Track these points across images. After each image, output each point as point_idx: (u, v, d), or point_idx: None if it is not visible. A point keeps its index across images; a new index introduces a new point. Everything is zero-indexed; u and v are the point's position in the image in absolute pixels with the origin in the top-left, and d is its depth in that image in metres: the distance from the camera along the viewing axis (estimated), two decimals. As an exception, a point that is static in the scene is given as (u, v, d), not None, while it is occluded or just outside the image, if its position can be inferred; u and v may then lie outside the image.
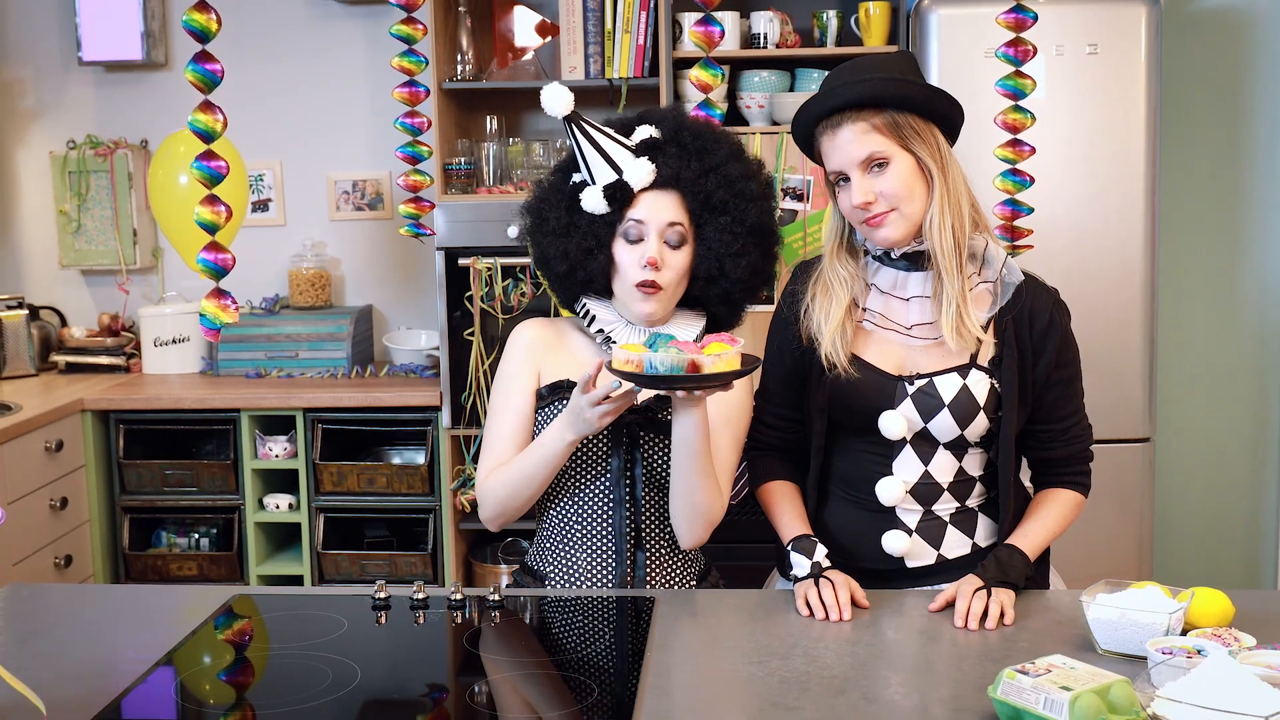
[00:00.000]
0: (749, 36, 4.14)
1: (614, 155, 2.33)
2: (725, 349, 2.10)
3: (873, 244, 2.33)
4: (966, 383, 2.28)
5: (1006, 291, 2.31)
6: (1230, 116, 4.37)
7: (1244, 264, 4.42)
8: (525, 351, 2.41)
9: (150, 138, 4.61)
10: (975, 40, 3.75)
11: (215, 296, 2.17)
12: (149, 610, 2.30)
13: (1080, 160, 3.81)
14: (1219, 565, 4.46)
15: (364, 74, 4.59)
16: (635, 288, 2.32)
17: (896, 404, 2.30)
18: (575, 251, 2.34)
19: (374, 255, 4.69)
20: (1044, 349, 2.32)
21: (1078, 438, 2.39)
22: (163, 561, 4.24)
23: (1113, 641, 1.96)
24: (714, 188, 2.34)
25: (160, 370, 4.54)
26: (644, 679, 1.89)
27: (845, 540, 2.38)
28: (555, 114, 2.35)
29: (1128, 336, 3.87)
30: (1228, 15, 4.34)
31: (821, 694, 1.84)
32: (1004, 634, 2.08)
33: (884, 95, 2.26)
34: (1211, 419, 4.48)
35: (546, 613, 2.25)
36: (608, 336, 2.37)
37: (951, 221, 2.27)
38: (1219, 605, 2.03)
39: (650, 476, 2.36)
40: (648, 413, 2.34)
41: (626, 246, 2.33)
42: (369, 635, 2.13)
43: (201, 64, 2.03)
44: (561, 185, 2.41)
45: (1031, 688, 1.68)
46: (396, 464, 4.24)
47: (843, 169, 2.28)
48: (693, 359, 2.06)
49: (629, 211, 2.33)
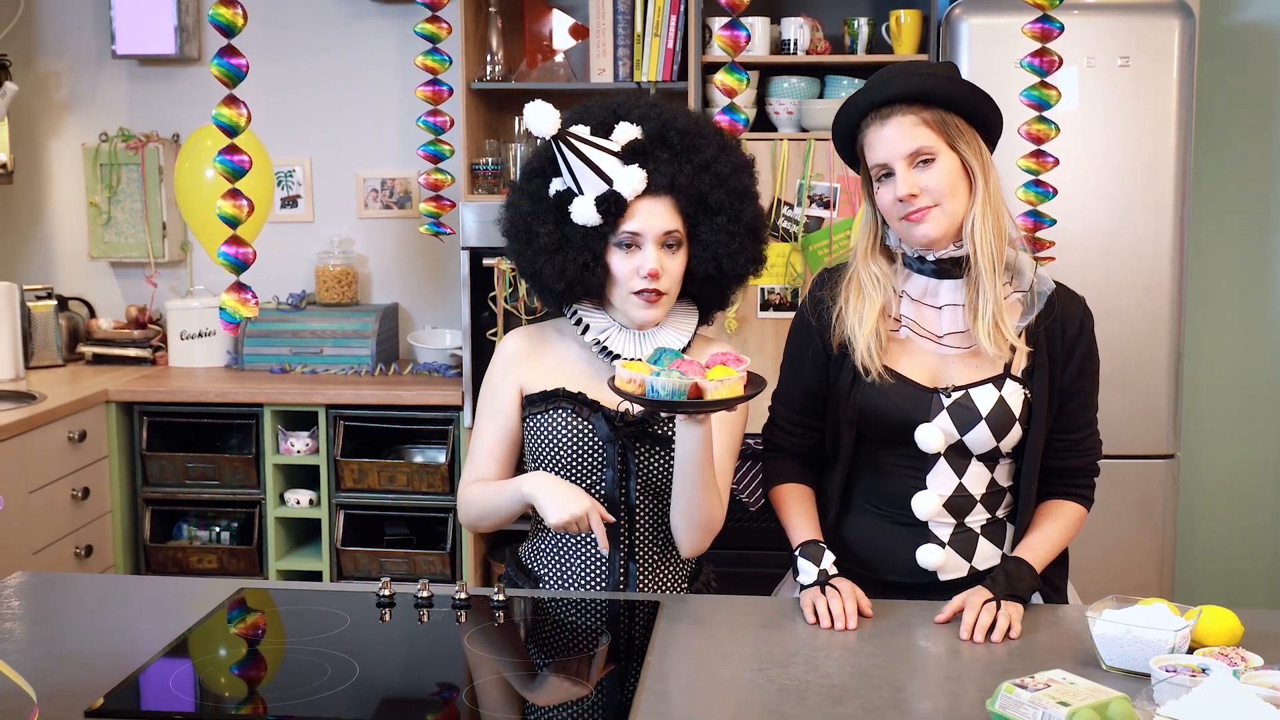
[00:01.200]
0: (779, 42, 4.12)
1: (602, 165, 2.25)
2: (730, 374, 2.06)
3: (909, 244, 2.30)
4: (1002, 394, 2.26)
5: (1040, 300, 2.30)
6: (1264, 132, 4.33)
7: (1273, 280, 4.37)
8: (507, 364, 2.39)
9: (182, 132, 4.64)
10: (1005, 50, 3.69)
11: (236, 290, 2.17)
12: (156, 601, 2.31)
13: (1110, 172, 3.77)
14: (1241, 584, 4.41)
15: (395, 72, 4.61)
16: (634, 295, 2.28)
17: (933, 417, 2.28)
18: (572, 268, 2.27)
19: (401, 254, 4.70)
20: (1072, 356, 2.31)
21: (1090, 449, 2.37)
22: (183, 554, 4.26)
23: (1117, 658, 1.94)
24: (708, 189, 2.30)
25: (186, 363, 4.57)
26: (642, 683, 1.88)
27: (869, 554, 2.36)
28: (542, 134, 2.25)
29: (1154, 350, 3.83)
30: (1262, 29, 4.29)
31: (819, 703, 1.83)
32: (1009, 647, 2.06)
33: (936, 91, 2.26)
34: (1237, 436, 4.43)
35: (548, 614, 2.25)
36: (604, 347, 2.33)
37: (993, 225, 2.26)
38: (1228, 624, 2.00)
39: (644, 486, 2.34)
40: (641, 424, 2.31)
41: (622, 255, 2.28)
42: (370, 632, 2.13)
43: (226, 58, 2.03)
44: (540, 193, 2.32)
45: (1029, 702, 1.66)
46: (417, 462, 4.25)
47: (888, 161, 2.26)
48: (695, 383, 2.03)
49: (623, 223, 2.26)
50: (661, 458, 2.32)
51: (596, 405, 2.32)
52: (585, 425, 2.31)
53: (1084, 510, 2.38)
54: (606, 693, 1.90)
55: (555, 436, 2.31)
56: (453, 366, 4.42)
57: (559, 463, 2.32)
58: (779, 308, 3.97)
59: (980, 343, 2.25)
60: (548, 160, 2.33)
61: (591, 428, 2.30)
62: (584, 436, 2.31)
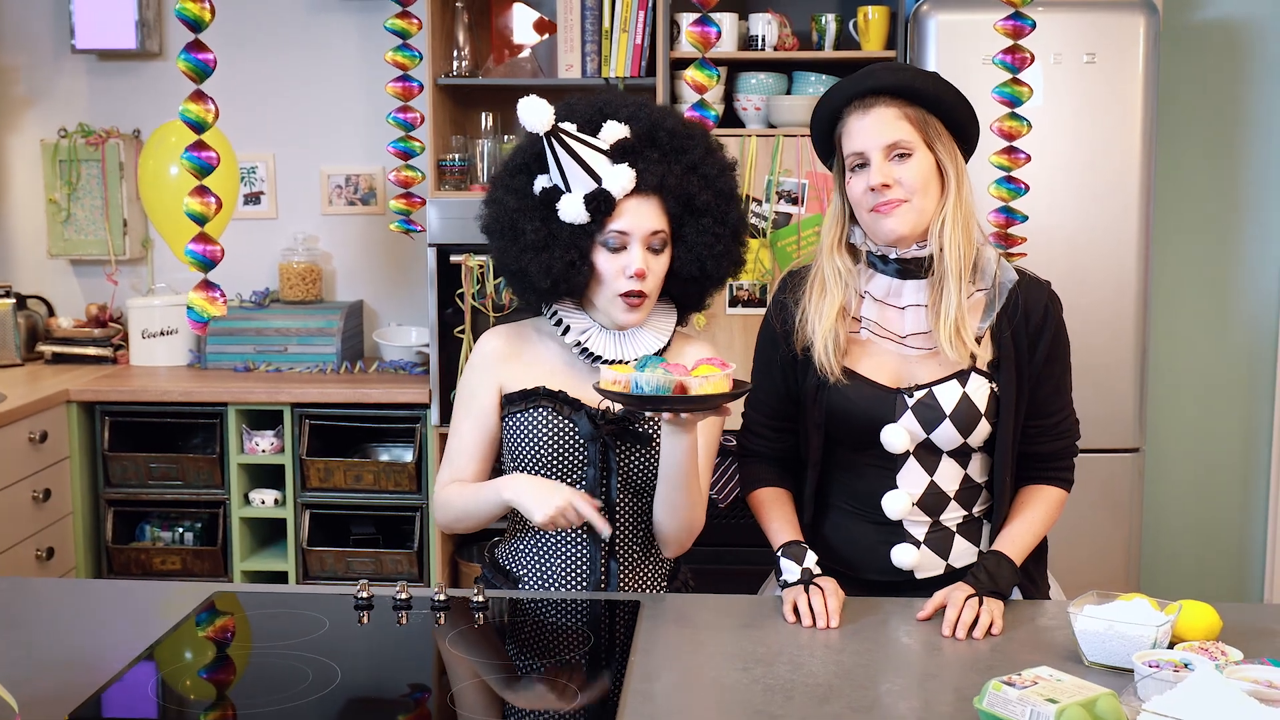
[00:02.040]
0: (747, 38, 4.12)
1: (592, 163, 2.24)
2: (714, 372, 2.06)
3: (874, 239, 2.31)
4: (966, 390, 2.27)
5: (1002, 293, 2.31)
6: (1225, 127, 4.36)
7: (1236, 275, 4.41)
8: (486, 363, 2.37)
9: (143, 127, 4.58)
10: (973, 47, 3.72)
11: (203, 289, 2.15)
12: (129, 605, 2.28)
13: (1076, 168, 3.80)
14: (1206, 577, 4.45)
15: (359, 68, 4.57)
16: (620, 298, 2.27)
17: (897, 417, 2.28)
18: (559, 266, 2.25)
19: (366, 250, 4.66)
20: (1039, 344, 2.32)
21: (1066, 433, 2.38)
22: (146, 556, 4.21)
23: (1100, 653, 1.95)
24: (696, 190, 2.30)
25: (148, 362, 4.51)
26: (627, 684, 1.87)
27: (846, 554, 2.36)
28: (536, 129, 2.22)
29: (1120, 346, 3.86)
30: (1225, 26, 4.33)
31: (805, 702, 1.82)
32: (991, 644, 2.06)
33: (922, 89, 2.28)
34: (1201, 430, 4.47)
35: (529, 615, 2.23)
36: (585, 349, 2.32)
37: (963, 229, 2.28)
38: (1206, 619, 2.01)
39: (625, 485, 2.33)
40: (623, 423, 2.30)
41: (608, 255, 2.27)
42: (350, 635, 2.11)
43: (193, 53, 2.01)
44: (525, 189, 2.30)
45: (1017, 699, 1.66)
46: (384, 461, 4.22)
47: (866, 150, 2.27)
48: (680, 381, 2.03)
49: (610, 222, 2.25)
50: (642, 456, 2.31)
51: (577, 404, 2.30)
52: (566, 424, 2.29)
53: (1063, 493, 2.38)
54: (591, 695, 1.89)
55: (535, 435, 2.30)
56: (419, 364, 4.39)
57: (539, 461, 2.30)
58: (747, 304, 3.97)
59: (941, 346, 2.27)
60: (533, 156, 2.31)
61: (572, 426, 2.29)
62: (564, 435, 2.30)
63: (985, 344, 2.29)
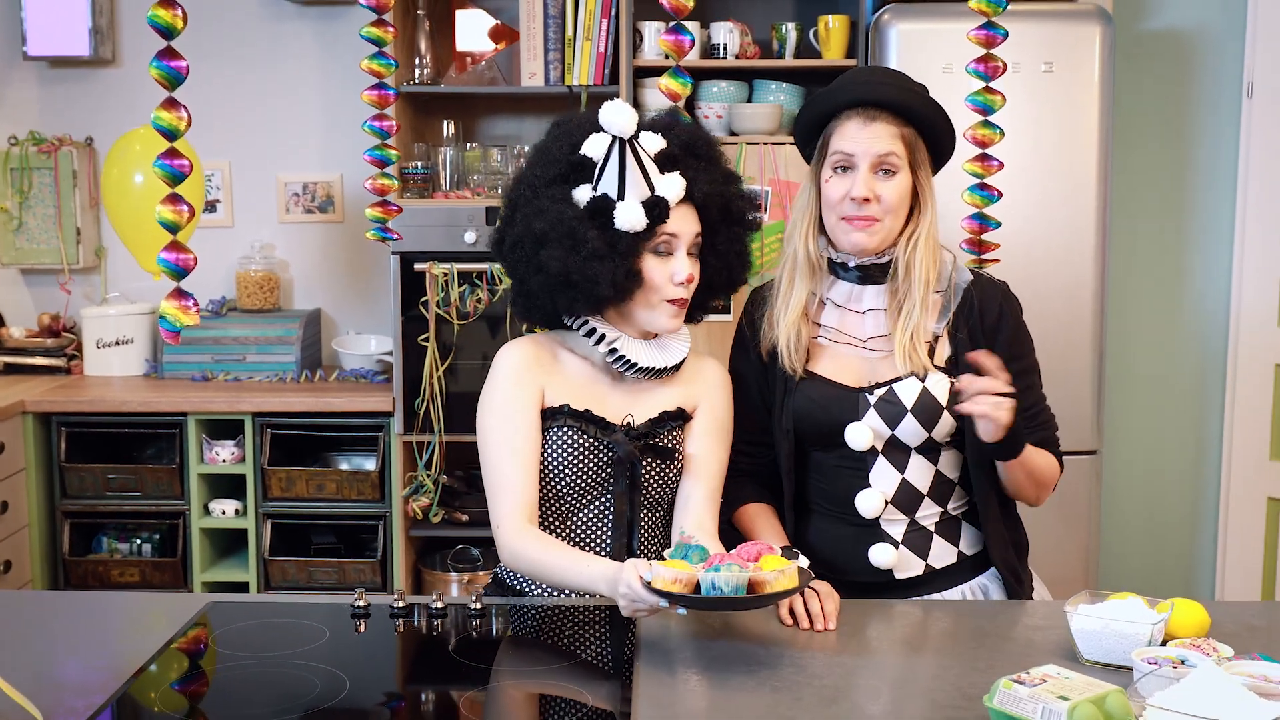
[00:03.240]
0: (708, 47, 4.15)
1: (650, 171, 2.26)
2: (783, 563, 1.96)
3: (839, 245, 2.36)
4: (926, 385, 2.31)
5: (957, 294, 2.36)
6: (1176, 135, 4.45)
7: (1188, 280, 4.50)
8: (521, 372, 2.30)
9: (96, 135, 4.53)
10: (933, 56, 3.78)
11: (176, 297, 2.14)
12: (115, 618, 2.26)
13: (1035, 175, 3.85)
14: (1160, 575, 4.53)
15: (316, 75, 4.54)
16: (667, 303, 2.27)
17: (860, 415, 2.32)
18: (620, 274, 2.22)
19: (323, 259, 4.64)
20: (996, 341, 2.35)
21: (1044, 424, 2.42)
22: (104, 568, 4.16)
23: (1096, 651, 1.98)
24: (732, 198, 2.34)
25: (102, 372, 4.46)
26: (636, 689, 1.88)
27: (829, 556, 2.39)
28: (621, 133, 2.24)
29: (1077, 350, 3.92)
30: (1174, 36, 4.42)
31: (814, 704, 1.84)
32: (987, 643, 2.09)
33: (924, 115, 2.34)
34: (1154, 433, 4.55)
35: (527, 622, 2.23)
36: (621, 356, 2.29)
37: (933, 248, 2.34)
38: (1197, 616, 2.06)
39: (646, 499, 2.33)
40: (647, 438, 2.31)
41: (656, 262, 2.26)
42: (351, 644, 2.10)
43: (166, 61, 1.99)
44: (569, 198, 2.26)
45: (1029, 697, 1.69)
46: (346, 470, 4.20)
47: (856, 155, 2.30)
48: (752, 578, 1.92)
49: (662, 227, 2.25)
50: (665, 470, 2.33)
51: (603, 422, 2.29)
52: (592, 443, 2.28)
53: (1056, 463, 2.42)
54: (603, 699, 1.89)
55: (560, 455, 2.28)
56: (380, 372, 4.38)
57: (564, 481, 2.28)
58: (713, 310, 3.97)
59: (896, 358, 2.31)
60: (570, 167, 2.28)
61: (599, 445, 2.28)
62: (590, 454, 2.28)
63: (942, 344, 2.34)
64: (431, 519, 4.12)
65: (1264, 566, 4.26)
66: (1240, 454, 4.32)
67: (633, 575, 1.94)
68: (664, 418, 2.34)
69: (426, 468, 4.10)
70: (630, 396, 2.34)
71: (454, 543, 4.27)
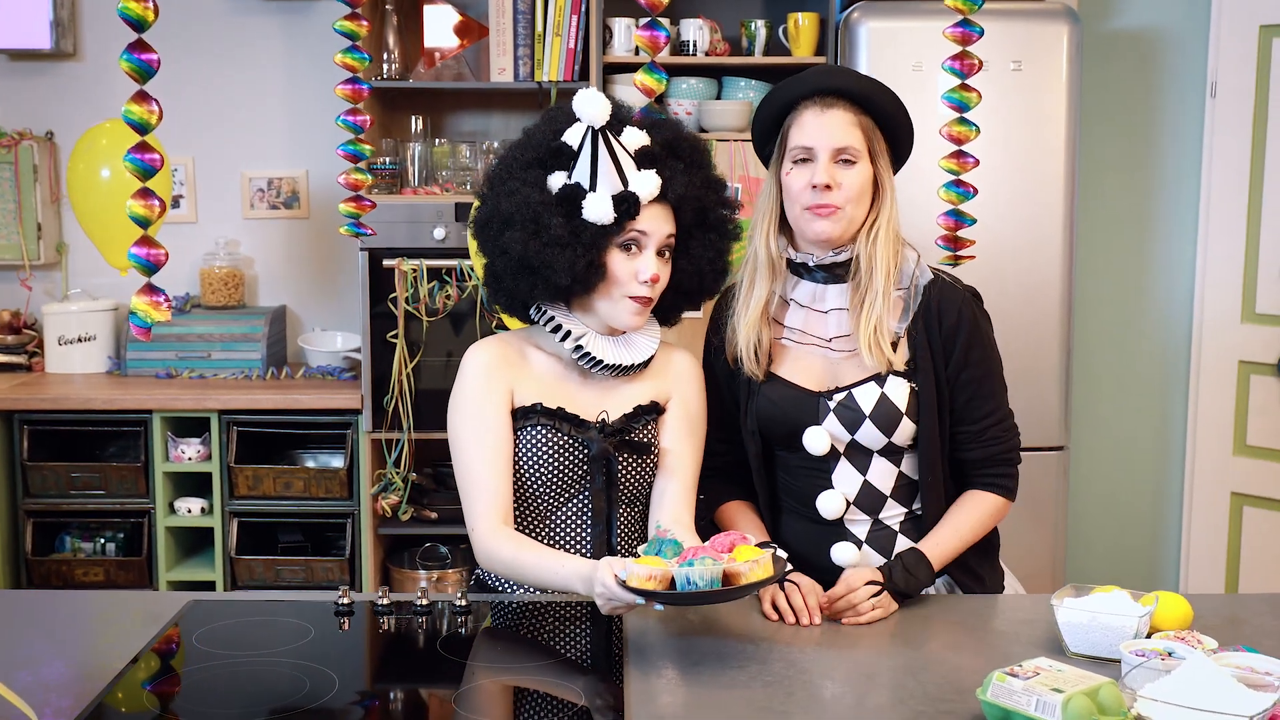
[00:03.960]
0: (678, 43, 4.15)
1: (624, 165, 2.24)
2: (756, 553, 1.94)
3: (802, 237, 2.35)
4: (884, 391, 2.31)
5: (917, 294, 2.36)
6: (1141, 133, 4.49)
7: (1152, 278, 4.54)
8: (489, 372, 2.28)
9: (57, 129, 4.47)
10: (903, 53, 3.80)
11: (147, 293, 2.11)
12: (87, 619, 2.23)
13: (1003, 175, 3.87)
14: (1124, 569, 4.58)
15: (281, 70, 4.51)
16: (629, 299, 2.25)
17: (820, 420, 2.33)
18: (580, 264, 2.21)
19: (288, 255, 4.60)
20: (954, 346, 2.34)
21: (996, 439, 2.39)
22: (68, 567, 4.11)
23: (1082, 644, 2.00)
24: (711, 204, 2.32)
25: (64, 369, 4.40)
26: (628, 685, 1.88)
27: (798, 552, 2.40)
28: (593, 122, 2.23)
29: (1045, 346, 3.95)
30: (1139, 35, 4.46)
31: (806, 699, 1.85)
32: (970, 637, 2.11)
33: (879, 102, 2.34)
34: (1120, 428, 4.60)
35: (512, 618, 2.22)
36: (586, 353, 2.27)
37: (892, 240, 2.34)
38: (1180, 609, 2.08)
39: (623, 494, 2.32)
40: (622, 434, 2.30)
41: (622, 257, 2.24)
42: (338, 642, 2.09)
43: (137, 53, 1.97)
44: (541, 184, 2.25)
45: (1023, 690, 1.70)
46: (313, 468, 4.17)
47: (815, 148, 2.30)
48: (726, 570, 1.90)
49: (631, 224, 2.23)
50: (641, 465, 2.32)
51: (577, 419, 2.28)
52: (567, 440, 2.26)
53: (999, 500, 2.40)
54: (594, 695, 1.88)
55: (535, 453, 2.26)
56: (347, 369, 4.35)
57: (540, 479, 2.27)
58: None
59: (860, 353, 2.31)
60: (548, 152, 2.27)
61: (574, 443, 2.27)
62: (565, 452, 2.27)
63: (901, 346, 2.33)
64: (401, 517, 4.10)
65: (1227, 560, 4.31)
66: (1204, 449, 4.37)
67: (607, 574, 1.94)
68: (638, 412, 2.33)
69: (395, 465, 4.08)
70: (602, 392, 2.33)
71: (423, 540, 4.25)
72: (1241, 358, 4.25)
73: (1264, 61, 4.15)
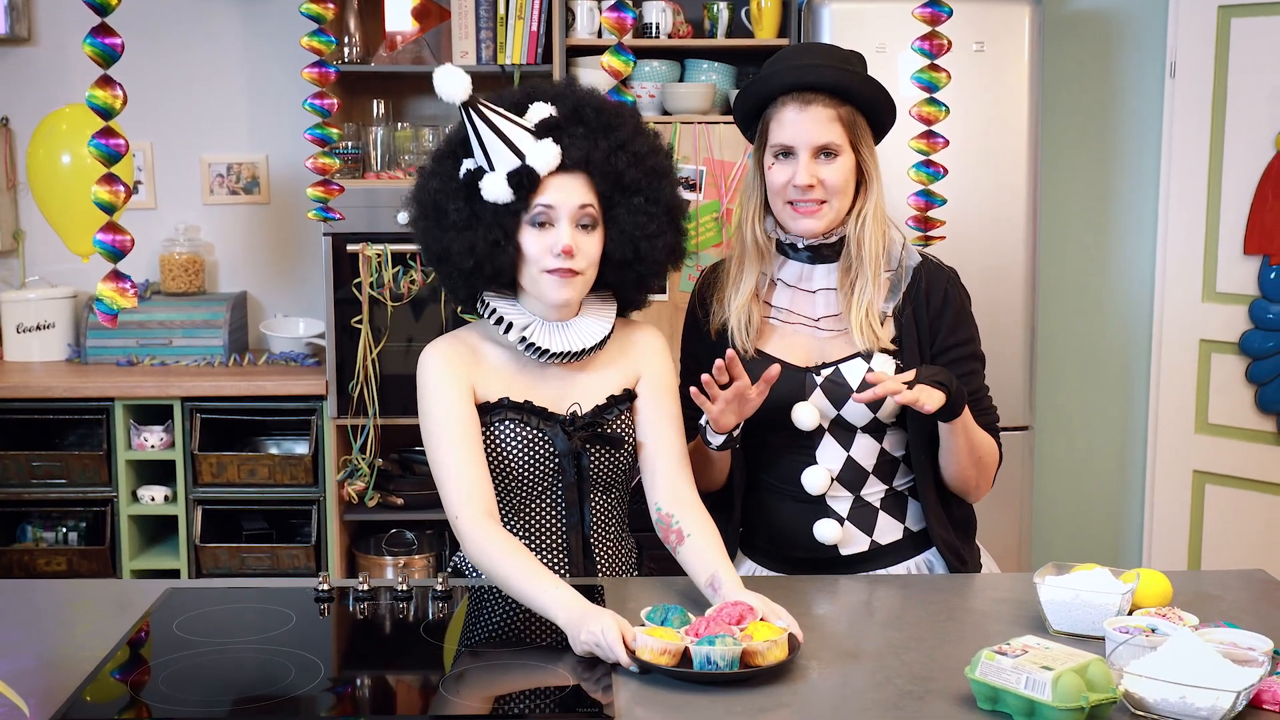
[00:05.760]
0: (641, 26, 4.13)
1: (515, 139, 2.17)
2: (775, 631, 1.89)
3: (785, 232, 2.37)
4: (871, 366, 2.33)
5: (907, 275, 2.38)
6: (1102, 115, 4.52)
7: (1114, 258, 4.58)
8: (447, 371, 2.22)
9: (13, 115, 4.40)
10: (866, 35, 3.80)
11: (113, 279, 2.11)
12: (59, 608, 2.21)
13: (966, 157, 3.88)
14: (1089, 547, 4.62)
15: (241, 55, 4.46)
16: (547, 274, 2.18)
17: (807, 395, 2.34)
18: (481, 245, 2.17)
19: (249, 241, 4.56)
20: (940, 325, 2.39)
21: (984, 411, 2.42)
22: (29, 557, 4.06)
23: (1065, 622, 2.01)
24: (625, 167, 2.23)
25: (23, 358, 4.34)
26: (616, 677, 1.86)
27: (777, 532, 2.41)
28: (451, 99, 2.16)
29: (1010, 327, 3.98)
30: (1099, 17, 4.48)
31: (792, 680, 1.85)
32: (953, 616, 2.11)
33: (861, 92, 2.34)
34: (1083, 407, 4.63)
35: (493, 603, 2.19)
36: (531, 343, 2.23)
37: (880, 224, 2.34)
38: (1161, 586, 2.10)
39: (595, 483, 2.29)
40: (593, 427, 2.26)
41: (535, 234, 2.19)
42: (320, 628, 2.08)
43: (100, 38, 1.95)
44: (451, 173, 2.23)
45: (1012, 668, 1.71)
46: (278, 454, 4.14)
47: (794, 145, 2.30)
48: (745, 648, 1.84)
49: (536, 198, 2.18)
50: (612, 456, 2.28)
51: (545, 412, 2.24)
52: (535, 434, 2.22)
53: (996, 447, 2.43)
54: (583, 677, 1.87)
55: (504, 449, 2.22)
56: (310, 355, 4.32)
57: (511, 474, 2.24)
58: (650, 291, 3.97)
59: (852, 334, 2.33)
60: (459, 142, 2.25)
61: (543, 438, 2.23)
62: (535, 446, 2.23)
63: (888, 324, 2.36)
64: (367, 503, 4.07)
65: (1189, 537, 4.35)
66: (1166, 427, 4.41)
67: (616, 638, 1.87)
68: (610, 403, 2.29)
69: (361, 451, 4.06)
70: (566, 380, 2.28)
71: (389, 526, 4.23)
72: (1202, 336, 4.29)
73: (1222, 42, 4.19)
